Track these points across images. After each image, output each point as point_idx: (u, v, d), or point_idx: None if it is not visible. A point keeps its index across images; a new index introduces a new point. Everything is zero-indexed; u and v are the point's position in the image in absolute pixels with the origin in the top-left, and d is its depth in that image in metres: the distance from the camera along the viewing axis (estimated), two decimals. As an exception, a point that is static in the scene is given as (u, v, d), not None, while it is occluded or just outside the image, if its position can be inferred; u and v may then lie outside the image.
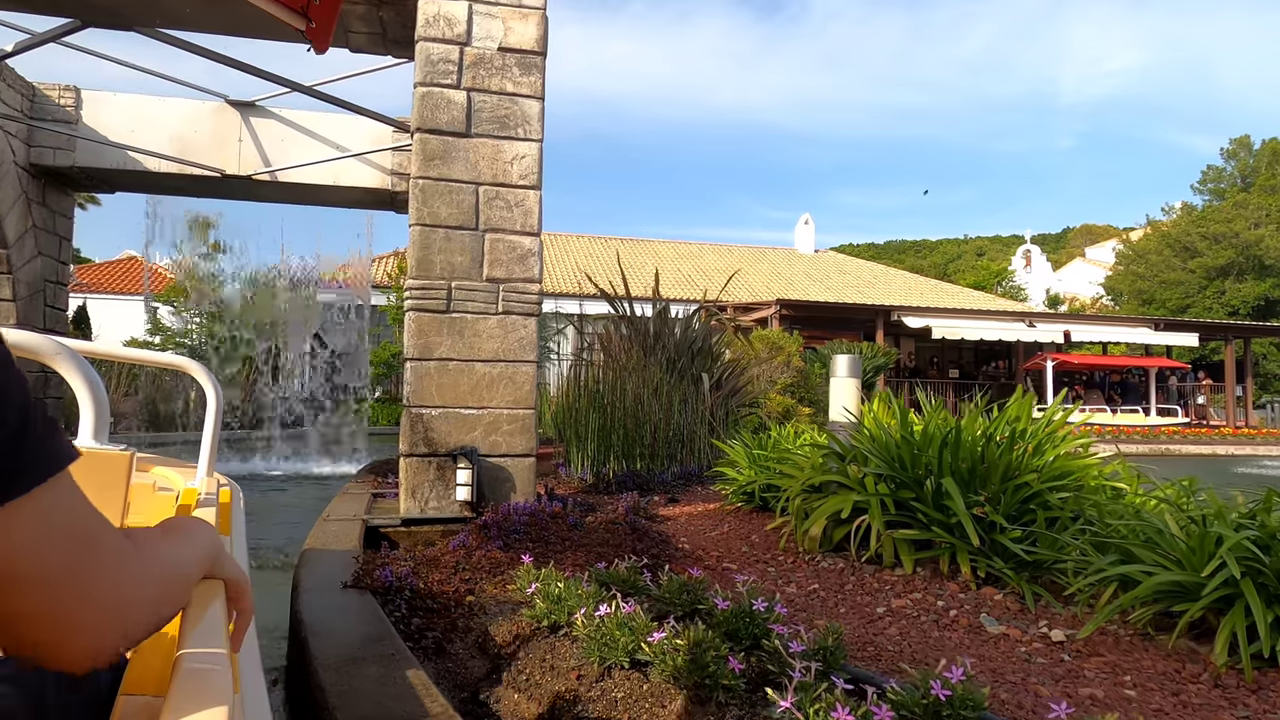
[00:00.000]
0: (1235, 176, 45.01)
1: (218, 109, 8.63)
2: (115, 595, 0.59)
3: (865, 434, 3.48)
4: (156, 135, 8.44)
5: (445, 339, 4.55)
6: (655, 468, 6.93)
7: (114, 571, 0.59)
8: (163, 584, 0.66)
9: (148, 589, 0.64)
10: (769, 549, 3.84)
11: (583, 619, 2.01)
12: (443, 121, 4.60)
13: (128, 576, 0.61)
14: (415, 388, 4.49)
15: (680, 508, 5.51)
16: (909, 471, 3.21)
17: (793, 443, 4.96)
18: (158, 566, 0.66)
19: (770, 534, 4.26)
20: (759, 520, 4.73)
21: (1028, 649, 2.33)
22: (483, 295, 4.61)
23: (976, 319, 24.50)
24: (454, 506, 4.50)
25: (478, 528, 4.16)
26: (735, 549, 3.92)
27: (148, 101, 8.54)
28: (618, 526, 4.46)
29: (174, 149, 8.43)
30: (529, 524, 4.12)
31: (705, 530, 4.57)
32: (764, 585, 3.20)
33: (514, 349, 4.66)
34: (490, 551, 3.60)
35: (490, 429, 4.60)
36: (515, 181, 4.71)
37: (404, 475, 4.50)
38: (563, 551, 3.69)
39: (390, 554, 3.57)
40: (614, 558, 3.60)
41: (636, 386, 7.13)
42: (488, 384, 4.60)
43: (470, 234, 4.62)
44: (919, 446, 3.23)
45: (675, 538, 4.25)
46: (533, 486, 4.71)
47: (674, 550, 3.83)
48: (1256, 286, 38.80)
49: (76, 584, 0.55)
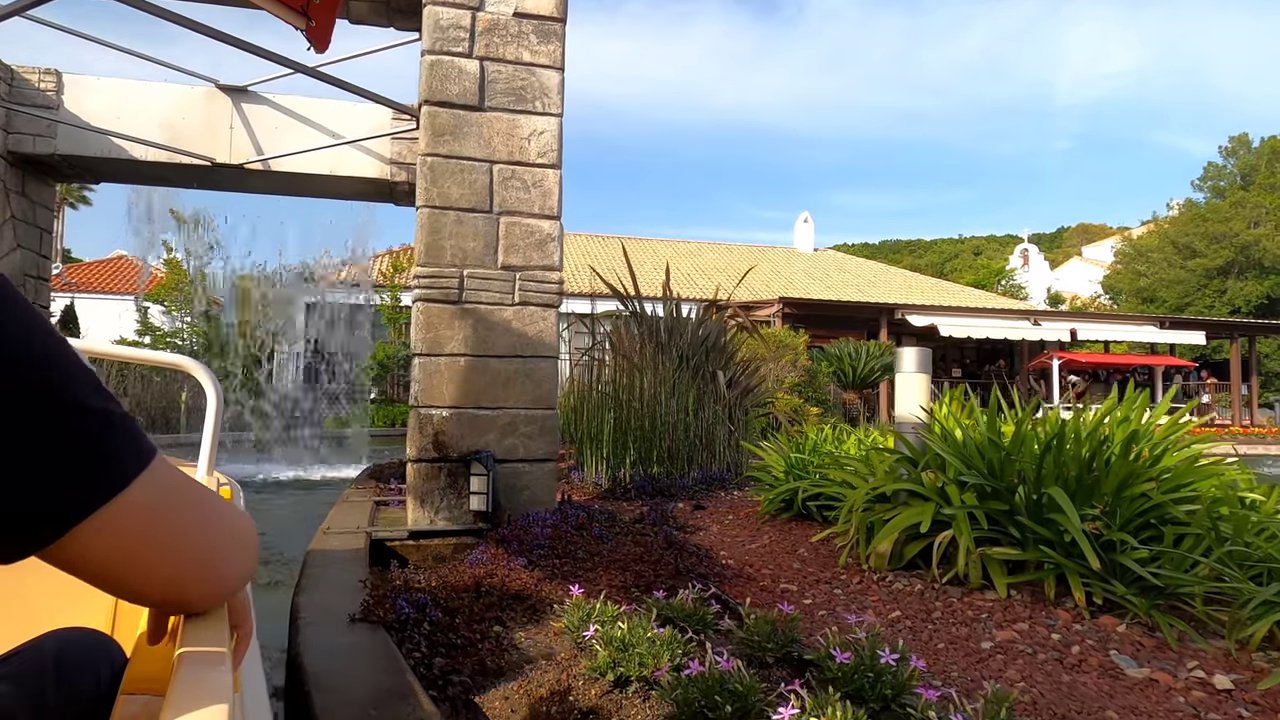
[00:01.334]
0: (1235, 174, 44.80)
1: (207, 94, 8.18)
2: (218, 551, 0.67)
3: (940, 436, 3.06)
4: (142, 122, 7.98)
5: (457, 332, 4.12)
6: (675, 471, 6.51)
7: (216, 533, 0.67)
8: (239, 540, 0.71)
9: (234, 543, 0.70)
10: (825, 565, 3.42)
11: (668, 678, 1.58)
12: (453, 93, 4.17)
13: (223, 534, 0.68)
14: (424, 386, 4.06)
15: (709, 515, 5.10)
16: (1000, 479, 2.80)
17: (834, 445, 4.55)
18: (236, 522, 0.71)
19: (819, 547, 3.85)
20: (800, 530, 4.31)
21: (1188, 699, 1.92)
22: (498, 284, 4.18)
23: (982, 317, 24.17)
24: (467, 517, 4.08)
25: (495, 541, 3.74)
26: (785, 565, 3.50)
27: (133, 86, 8.08)
28: (648, 538, 4.05)
29: (161, 136, 7.96)
30: (553, 537, 3.70)
31: (744, 542, 4.15)
32: (833, 610, 2.79)
33: (532, 343, 4.23)
34: (514, 570, 3.18)
35: (506, 431, 4.17)
36: (533, 160, 4.28)
37: (412, 482, 4.07)
38: (594, 569, 3.27)
39: (401, 574, 3.15)
40: (651, 576, 3.18)
41: (653, 385, 6.71)
42: (504, 382, 4.18)
43: (484, 217, 4.20)
44: (1009, 450, 2.81)
45: (714, 551, 3.83)
46: (554, 494, 4.29)
47: (719, 567, 3.41)
48: (1258, 285, 38.61)
49: (192, 548, 0.63)
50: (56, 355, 0.53)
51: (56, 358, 0.53)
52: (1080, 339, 24.84)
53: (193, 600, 0.67)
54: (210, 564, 0.66)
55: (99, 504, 0.54)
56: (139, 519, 0.57)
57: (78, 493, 0.53)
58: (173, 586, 0.63)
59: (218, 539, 0.67)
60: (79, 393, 0.53)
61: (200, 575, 0.65)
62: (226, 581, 0.68)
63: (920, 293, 29.81)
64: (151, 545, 0.59)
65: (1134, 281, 43.71)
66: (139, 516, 0.57)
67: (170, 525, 0.60)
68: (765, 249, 36.08)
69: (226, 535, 0.68)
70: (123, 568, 0.58)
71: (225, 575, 0.68)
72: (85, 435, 0.53)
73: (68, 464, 0.52)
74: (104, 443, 0.54)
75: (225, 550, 0.68)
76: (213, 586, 0.67)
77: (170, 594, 0.64)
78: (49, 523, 0.52)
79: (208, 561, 0.66)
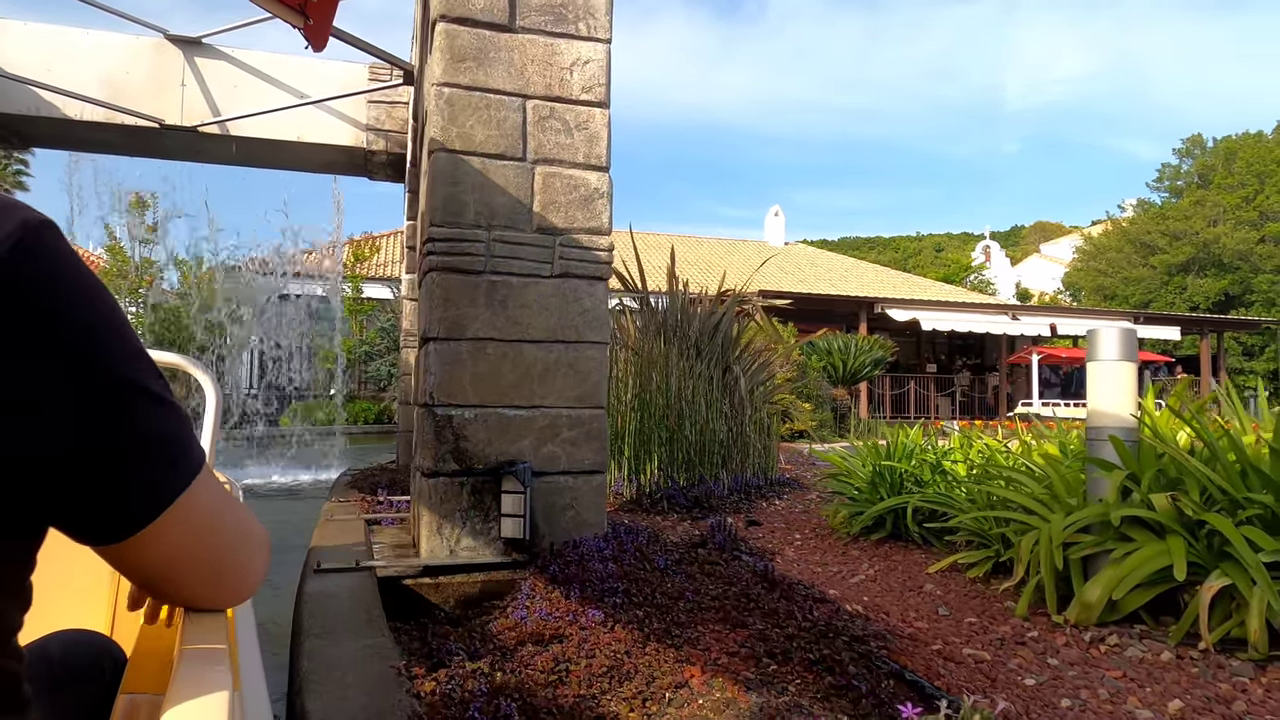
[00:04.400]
0: (1193, 174, 45.40)
1: (156, 46, 7.12)
2: (247, 551, 0.67)
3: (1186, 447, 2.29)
4: (79, 75, 6.88)
5: (482, 310, 3.25)
6: (707, 476, 5.69)
7: (246, 534, 0.66)
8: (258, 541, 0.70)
9: (257, 543, 0.69)
10: (988, 613, 2.63)
11: None
12: (477, 7, 3.29)
13: (251, 535, 0.68)
14: (441, 379, 3.18)
15: (771, 534, 4.29)
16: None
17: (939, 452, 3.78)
18: (255, 523, 0.70)
19: (948, 582, 3.07)
20: (902, 556, 3.53)
21: None
22: (533, 250, 3.32)
23: (962, 311, 23.82)
24: (496, 545, 3.21)
25: (543, 579, 2.89)
26: (928, 612, 2.71)
27: (68, 33, 6.98)
28: (720, 567, 3.24)
29: (101, 92, 6.89)
30: (620, 575, 2.86)
31: (841, 574, 3.35)
32: (1075, 695, 1.99)
33: (576, 324, 3.38)
34: (589, 628, 2.34)
35: (544, 436, 3.31)
36: (576, 95, 3.42)
37: (424, 502, 3.19)
38: (692, 623, 2.44)
39: (447, 649, 2.27)
40: (780, 636, 2.35)
41: (678, 381, 5.88)
42: (541, 373, 3.32)
43: (515, 166, 3.33)
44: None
45: (818, 588, 3.02)
46: (603, 515, 3.43)
47: (847, 618, 2.59)
48: (1217, 282, 39.08)
49: (230, 548, 0.64)
50: (128, 342, 0.52)
51: (129, 344, 0.52)
52: (1061, 334, 24.65)
53: (224, 599, 0.67)
54: (240, 567, 0.66)
55: (175, 496, 0.55)
56: (198, 517, 0.58)
57: (167, 481, 0.54)
58: (210, 586, 0.64)
59: (246, 540, 0.66)
60: (151, 383, 0.53)
61: (234, 576, 0.65)
62: (250, 582, 0.68)
63: (893, 287, 29.44)
64: (201, 544, 0.60)
65: (1095, 279, 44.05)
66: (198, 514, 0.58)
67: (216, 524, 0.61)
68: (736, 243, 35.48)
69: (253, 536, 0.68)
70: (174, 566, 0.59)
71: (251, 576, 0.68)
72: (166, 427, 0.54)
73: (154, 455, 0.53)
74: (181, 436, 0.55)
75: (252, 550, 0.67)
76: (241, 587, 0.67)
77: (208, 593, 0.65)
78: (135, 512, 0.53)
79: (239, 565, 0.65)
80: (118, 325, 0.52)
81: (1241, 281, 38.75)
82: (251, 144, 7.50)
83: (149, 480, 0.53)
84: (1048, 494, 2.69)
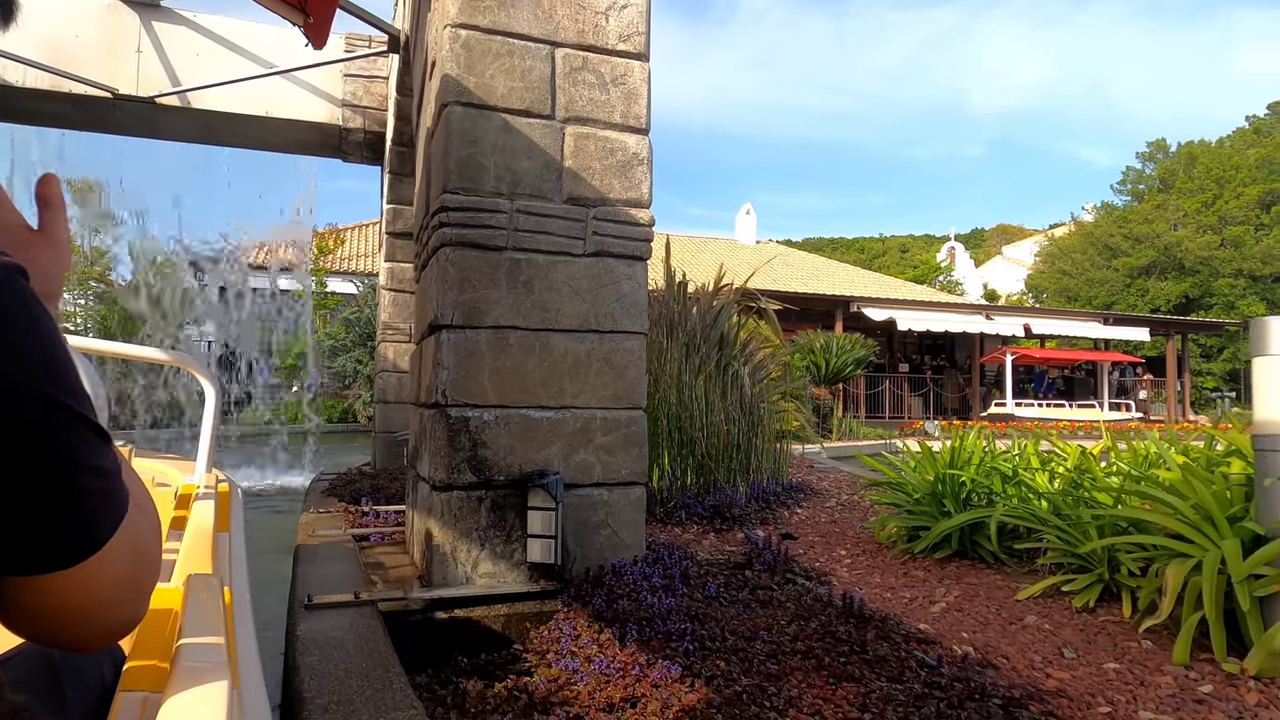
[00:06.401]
0: (1155, 178, 46.12)
1: (109, 7, 6.46)
2: (149, 587, 0.60)
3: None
4: (21, 36, 6.19)
5: (503, 293, 2.75)
6: (720, 482, 5.24)
7: (154, 571, 0.59)
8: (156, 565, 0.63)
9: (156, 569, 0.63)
10: (1127, 655, 2.21)
11: None
12: (499, -63, 2.79)
13: (155, 566, 0.60)
14: (456, 375, 2.68)
15: (812, 549, 3.84)
16: None
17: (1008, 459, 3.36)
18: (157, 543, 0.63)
19: (1050, 610, 2.64)
20: (976, 577, 3.11)
21: None
22: (563, 224, 2.83)
23: (938, 311, 23.74)
24: (520, 571, 2.72)
25: (584, 614, 2.41)
26: (1051, 654, 2.27)
27: (8, -9, 6.30)
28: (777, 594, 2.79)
29: (45, 56, 6.22)
30: (680, 611, 2.38)
31: (916, 602, 2.91)
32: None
33: (612, 311, 2.90)
34: (661, 683, 1.86)
35: (575, 442, 2.83)
36: (612, 45, 2.94)
37: (434, 520, 2.68)
38: (787, 675, 1.97)
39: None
40: (892, 688, 1.91)
41: (691, 382, 5.42)
42: (571, 368, 2.83)
43: (543, 124, 2.83)
44: None
45: (907, 621, 2.58)
46: (642, 534, 2.95)
47: (986, 674, 2.14)
48: (1177, 285, 39.69)
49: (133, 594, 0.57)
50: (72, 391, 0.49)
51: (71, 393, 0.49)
52: (1035, 334, 24.71)
53: (113, 638, 0.60)
54: (143, 599, 0.59)
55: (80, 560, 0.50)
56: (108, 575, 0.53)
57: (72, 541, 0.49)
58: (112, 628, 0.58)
59: (154, 573, 0.60)
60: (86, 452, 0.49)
61: (135, 615, 0.59)
62: (143, 612, 0.61)
63: (866, 287, 29.32)
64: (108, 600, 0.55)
65: (1059, 280, 44.52)
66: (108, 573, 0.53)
67: (130, 574, 0.55)
68: (707, 240, 35.10)
69: (155, 563, 0.60)
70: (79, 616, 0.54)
71: (143, 607, 0.60)
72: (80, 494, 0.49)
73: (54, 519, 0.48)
74: (92, 504, 0.50)
75: (152, 580, 0.60)
76: (134, 623, 0.61)
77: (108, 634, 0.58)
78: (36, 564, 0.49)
79: (142, 598, 0.59)
80: (65, 361, 0.49)
81: (1201, 285, 39.41)
82: (214, 118, 6.87)
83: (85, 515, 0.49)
84: (1196, 514, 2.29)
